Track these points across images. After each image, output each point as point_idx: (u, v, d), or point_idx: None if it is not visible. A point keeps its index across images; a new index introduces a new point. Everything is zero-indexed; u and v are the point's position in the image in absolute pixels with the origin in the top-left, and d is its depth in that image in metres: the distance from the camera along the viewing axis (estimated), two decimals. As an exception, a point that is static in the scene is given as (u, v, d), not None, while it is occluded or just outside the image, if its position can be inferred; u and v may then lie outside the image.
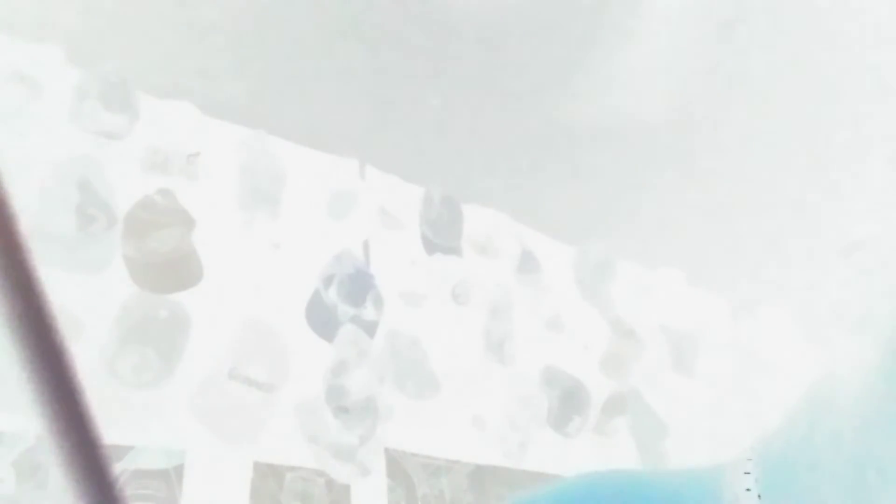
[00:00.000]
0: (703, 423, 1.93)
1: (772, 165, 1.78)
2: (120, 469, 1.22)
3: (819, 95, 1.61)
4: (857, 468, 0.40)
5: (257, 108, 1.57)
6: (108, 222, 1.35)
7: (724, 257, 2.01)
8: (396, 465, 1.51)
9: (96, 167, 1.37)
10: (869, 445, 0.40)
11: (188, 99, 1.51)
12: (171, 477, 1.26)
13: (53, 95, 1.37)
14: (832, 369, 0.44)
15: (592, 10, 1.49)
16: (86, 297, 1.28)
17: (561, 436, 1.79)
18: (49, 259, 1.27)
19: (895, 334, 0.41)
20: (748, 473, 0.46)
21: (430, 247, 1.77)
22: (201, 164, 1.50)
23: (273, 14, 1.42)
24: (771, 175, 1.81)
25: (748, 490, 0.45)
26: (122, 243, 1.36)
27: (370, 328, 1.58)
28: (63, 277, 1.27)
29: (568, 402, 1.82)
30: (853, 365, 0.42)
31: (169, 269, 1.39)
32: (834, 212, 1.77)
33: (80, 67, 1.41)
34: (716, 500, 0.46)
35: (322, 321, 1.53)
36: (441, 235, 1.79)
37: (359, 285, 1.60)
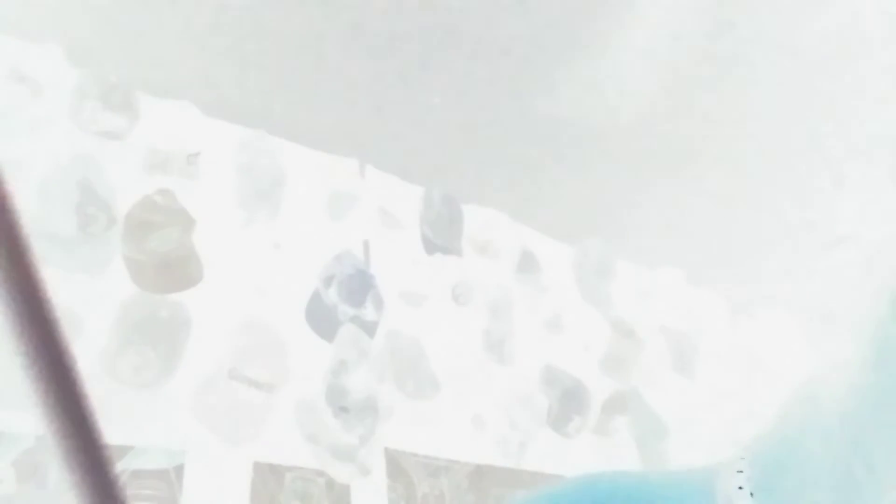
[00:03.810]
0: (703, 423, 1.93)
1: (771, 166, 1.78)
2: (120, 469, 1.22)
3: (820, 94, 1.61)
4: (847, 465, 0.40)
5: (257, 108, 1.57)
6: (108, 222, 1.35)
7: (724, 257, 2.01)
8: (396, 465, 1.51)
9: (96, 167, 1.37)
10: (858, 443, 0.40)
11: (188, 99, 1.51)
12: (171, 477, 1.26)
13: (53, 95, 1.37)
14: (821, 368, 0.45)
15: (591, 9, 1.49)
16: (86, 297, 1.28)
17: (561, 436, 1.79)
18: (49, 259, 1.27)
19: (881, 332, 0.41)
20: (741, 472, 0.46)
21: (430, 247, 1.77)
22: (201, 164, 1.50)
23: (273, 14, 1.42)
24: (771, 175, 1.81)
25: (740, 488, 0.45)
26: (122, 243, 1.36)
27: (370, 328, 1.58)
28: (63, 277, 1.27)
29: (568, 402, 1.82)
30: (842, 363, 0.43)
31: (169, 269, 1.39)
32: (835, 211, 1.77)
33: (80, 67, 1.41)
34: (709, 498, 0.46)
35: (322, 321, 1.53)
36: (441, 235, 1.79)
37: (359, 285, 1.60)
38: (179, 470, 1.27)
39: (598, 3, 1.47)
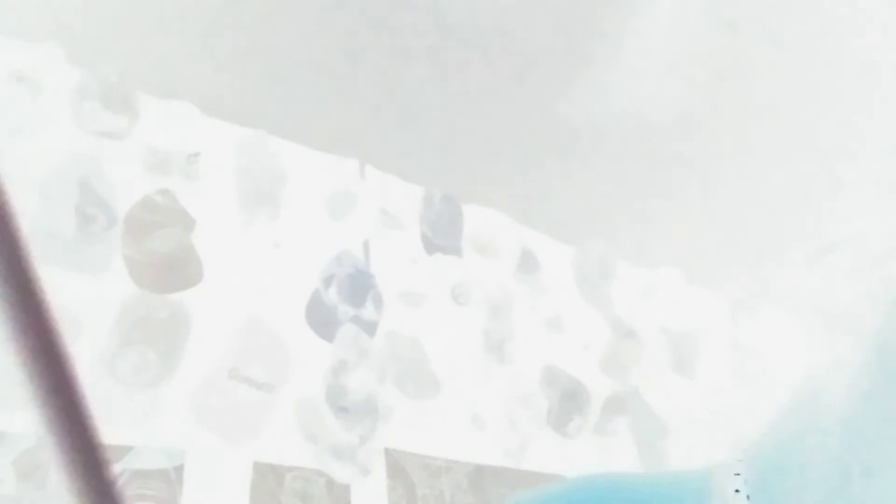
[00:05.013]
0: (703, 423, 1.93)
1: (771, 166, 1.78)
2: (120, 469, 1.22)
3: (820, 93, 1.61)
4: (844, 468, 0.40)
5: (257, 108, 1.57)
6: (108, 222, 1.35)
7: (724, 257, 2.01)
8: (396, 465, 1.51)
9: (96, 167, 1.37)
10: (855, 445, 0.40)
11: (188, 99, 1.51)
12: (171, 477, 1.26)
13: (53, 95, 1.37)
14: (820, 369, 0.45)
15: (594, 10, 1.49)
16: (86, 297, 1.28)
17: (561, 436, 1.79)
18: (49, 259, 1.27)
19: (881, 334, 0.41)
20: (738, 475, 0.46)
21: (430, 247, 1.77)
22: (201, 164, 1.50)
23: (273, 14, 1.42)
24: (770, 175, 1.81)
25: (737, 491, 0.45)
26: (122, 243, 1.36)
27: (370, 328, 1.58)
28: (63, 277, 1.27)
29: (568, 402, 1.82)
30: (841, 364, 0.42)
31: (169, 269, 1.39)
32: (835, 212, 1.77)
33: (80, 67, 1.41)
34: (706, 501, 0.46)
35: (322, 321, 1.53)
36: (441, 235, 1.79)
37: (359, 285, 1.60)
38: (179, 470, 1.27)
39: (603, 5, 1.47)
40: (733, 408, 1.97)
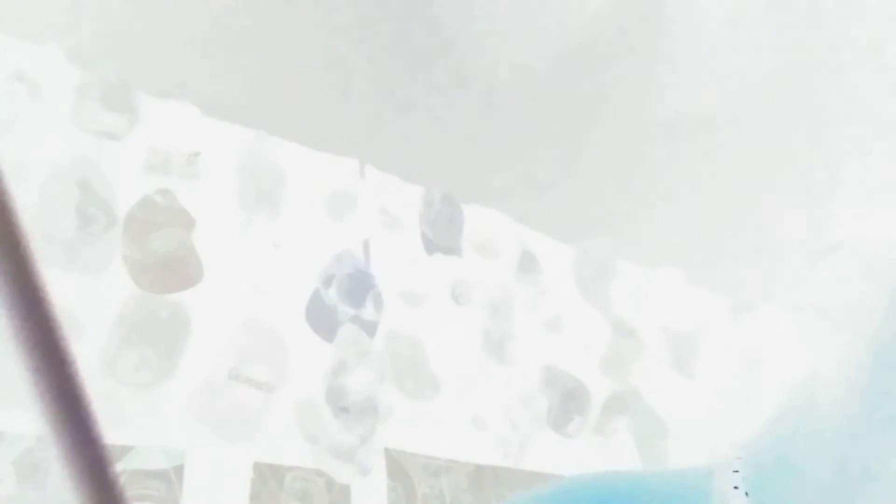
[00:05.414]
0: (703, 423, 1.93)
1: (771, 166, 1.78)
2: (120, 469, 1.22)
3: (820, 95, 1.61)
4: (841, 465, 0.41)
5: (257, 108, 1.57)
6: (108, 222, 1.35)
7: (724, 257, 2.01)
8: (396, 465, 1.51)
9: (96, 167, 1.37)
10: (852, 443, 0.41)
11: (188, 99, 1.51)
12: (171, 477, 1.26)
13: (53, 95, 1.37)
14: (818, 368, 0.45)
15: (593, 10, 1.49)
16: (86, 297, 1.28)
17: (561, 436, 1.79)
18: (49, 259, 1.27)
19: (879, 333, 0.41)
20: (737, 472, 0.46)
21: (430, 247, 1.77)
22: (201, 164, 1.50)
23: (273, 14, 1.42)
24: (770, 175, 1.81)
25: (736, 488, 0.46)
26: (122, 243, 1.36)
27: (370, 328, 1.58)
28: (63, 277, 1.27)
29: (568, 402, 1.82)
30: (839, 363, 0.43)
31: (169, 269, 1.39)
32: (835, 211, 1.77)
33: (80, 67, 1.41)
34: (705, 498, 0.47)
35: (322, 321, 1.53)
36: (441, 235, 1.79)
37: (359, 285, 1.60)
38: (179, 470, 1.27)
39: (604, 5, 1.47)
40: (733, 407, 1.97)
